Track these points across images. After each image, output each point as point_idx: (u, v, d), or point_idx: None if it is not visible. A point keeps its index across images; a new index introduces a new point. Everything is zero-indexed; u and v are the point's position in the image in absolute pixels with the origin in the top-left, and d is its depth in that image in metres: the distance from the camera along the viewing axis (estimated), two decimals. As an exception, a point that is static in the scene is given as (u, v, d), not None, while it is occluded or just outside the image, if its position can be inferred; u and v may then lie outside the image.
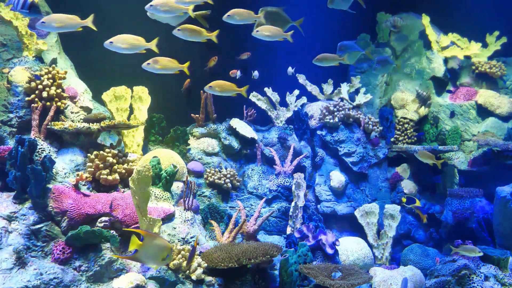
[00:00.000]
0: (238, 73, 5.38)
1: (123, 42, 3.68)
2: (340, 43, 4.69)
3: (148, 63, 3.80)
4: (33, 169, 3.25)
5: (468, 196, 5.46)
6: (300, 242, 4.20)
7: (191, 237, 3.87)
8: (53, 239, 3.31)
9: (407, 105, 6.60)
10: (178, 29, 3.85)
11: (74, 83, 4.62)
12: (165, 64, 3.83)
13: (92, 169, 3.87)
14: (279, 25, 4.26)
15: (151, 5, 3.72)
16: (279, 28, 4.21)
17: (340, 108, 5.98)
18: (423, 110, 6.39)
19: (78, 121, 4.32)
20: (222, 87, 4.22)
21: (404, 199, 5.02)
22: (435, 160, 5.01)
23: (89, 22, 3.73)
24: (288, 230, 5.00)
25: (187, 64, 3.96)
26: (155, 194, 4.01)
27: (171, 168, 4.13)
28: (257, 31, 4.12)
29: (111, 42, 3.65)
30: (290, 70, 5.87)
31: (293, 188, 5.09)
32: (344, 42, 4.65)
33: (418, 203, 4.97)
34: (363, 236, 5.16)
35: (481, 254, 3.83)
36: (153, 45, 3.80)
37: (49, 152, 3.86)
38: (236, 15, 3.96)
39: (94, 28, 3.70)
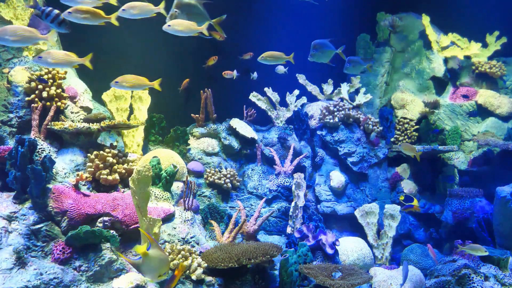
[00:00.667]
0: (235, 73, 5.35)
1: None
2: (314, 41, 4.54)
3: (116, 82, 3.71)
4: (33, 169, 3.24)
5: (468, 196, 5.46)
6: (300, 242, 4.20)
7: (191, 237, 3.87)
8: (53, 239, 3.31)
9: (407, 105, 6.60)
10: (169, 25, 3.76)
11: (74, 83, 4.62)
12: (134, 83, 3.76)
13: (92, 169, 3.87)
14: (196, 19, 3.92)
15: (169, 25, 3.76)
16: (193, 23, 3.84)
17: (340, 108, 5.98)
18: (434, 112, 6.37)
19: (78, 121, 4.32)
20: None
21: (402, 197, 5.02)
22: (415, 152, 5.03)
23: (86, 61, 3.66)
24: (288, 230, 5.00)
25: (157, 81, 3.83)
26: (155, 194, 4.01)
27: (171, 168, 4.13)
28: (169, 25, 3.76)
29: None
30: (281, 68, 5.79)
31: (293, 188, 5.09)
32: (317, 41, 4.51)
33: (416, 202, 4.96)
34: (363, 236, 5.16)
35: (487, 253, 3.83)
36: None
37: (49, 152, 3.86)
38: (131, 9, 3.67)
39: (91, 67, 3.68)
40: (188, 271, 3.47)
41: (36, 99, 4.08)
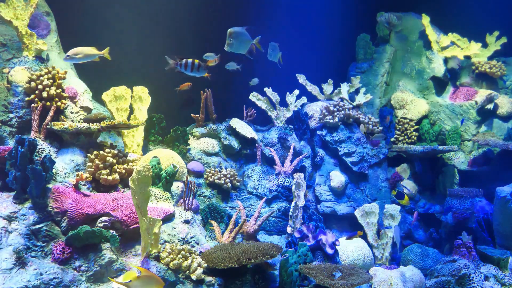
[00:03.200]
0: (234, 64, 5.31)
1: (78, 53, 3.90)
2: (230, 29, 4.12)
3: (67, 55, 3.87)
4: (33, 169, 3.24)
5: (468, 196, 5.46)
6: (300, 242, 4.20)
7: (191, 237, 3.87)
8: (53, 239, 3.31)
9: (407, 105, 6.60)
10: (67, 55, 3.90)
11: (74, 83, 4.62)
12: (85, 53, 3.90)
13: (92, 169, 3.87)
14: (244, 44, 4.09)
15: (67, 55, 3.91)
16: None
17: (340, 108, 5.98)
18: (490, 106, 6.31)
19: (78, 121, 4.32)
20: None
21: (394, 192, 5.02)
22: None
23: (106, 53, 4.06)
24: (288, 230, 5.00)
25: (106, 50, 4.02)
26: (155, 194, 4.00)
27: (171, 168, 4.13)
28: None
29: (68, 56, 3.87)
30: (233, 64, 5.75)
31: (293, 188, 5.09)
32: (234, 29, 4.08)
33: (406, 199, 4.97)
34: (363, 236, 5.16)
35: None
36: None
37: (49, 152, 3.86)
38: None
39: (109, 58, 4.05)
40: (188, 271, 3.47)
41: (36, 99, 4.08)
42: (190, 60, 3.93)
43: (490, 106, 6.16)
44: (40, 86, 4.11)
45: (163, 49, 5.56)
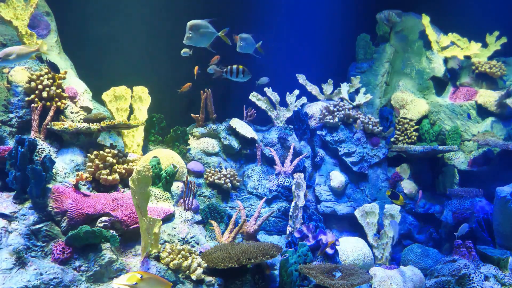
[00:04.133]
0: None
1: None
2: (190, 22, 3.95)
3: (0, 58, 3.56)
4: (33, 169, 3.24)
5: (468, 196, 5.46)
6: (300, 242, 4.20)
7: (191, 237, 3.87)
8: (53, 239, 3.31)
9: (407, 105, 6.60)
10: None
11: (74, 83, 4.62)
12: (17, 53, 3.60)
13: (92, 169, 3.87)
14: (207, 37, 3.97)
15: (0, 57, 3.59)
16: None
17: (340, 108, 5.98)
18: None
19: (78, 121, 4.32)
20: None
21: (388, 192, 5.01)
22: None
23: (41, 48, 3.77)
24: (288, 230, 5.00)
25: (41, 43, 3.85)
26: (155, 194, 4.00)
27: (171, 168, 4.13)
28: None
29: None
30: (263, 79, 5.80)
31: (293, 188, 5.09)
32: (194, 21, 3.93)
33: (401, 198, 4.96)
34: (363, 236, 5.16)
35: None
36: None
37: (49, 152, 3.86)
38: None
39: (47, 53, 3.83)
40: (188, 271, 3.47)
41: (36, 99, 4.08)
42: (234, 66, 4.06)
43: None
44: (40, 86, 4.11)
45: (163, 49, 5.57)
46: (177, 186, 4.37)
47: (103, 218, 3.52)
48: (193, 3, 5.86)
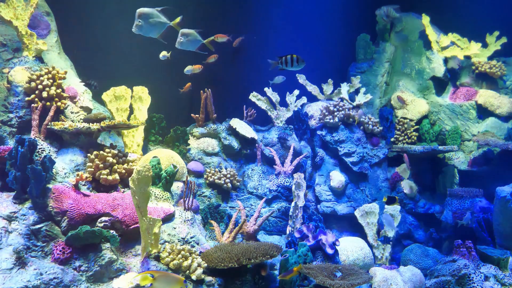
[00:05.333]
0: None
1: None
2: (139, 9, 3.74)
3: None
4: (33, 169, 3.24)
5: (468, 196, 5.46)
6: (300, 242, 4.20)
7: (191, 237, 3.87)
8: (53, 239, 3.31)
9: (407, 105, 6.60)
10: None
11: (74, 83, 4.62)
12: None
13: (92, 169, 3.87)
14: (158, 27, 3.74)
15: None
16: None
17: (340, 108, 5.98)
18: None
19: (78, 121, 4.32)
20: None
21: (385, 199, 5.03)
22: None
23: None
24: (288, 230, 5.00)
25: None
26: (155, 194, 4.00)
27: (171, 168, 4.13)
28: None
29: None
30: (278, 78, 5.83)
31: (293, 188, 5.09)
32: (144, 9, 3.70)
33: (396, 199, 4.98)
34: (363, 236, 5.16)
35: None
36: None
37: (49, 152, 3.86)
38: None
39: None
40: (188, 271, 3.47)
41: (36, 99, 4.08)
42: (289, 56, 4.04)
43: (509, 101, 6.15)
44: (40, 86, 4.11)
45: (163, 48, 5.56)
46: (177, 186, 4.37)
47: (103, 218, 3.52)
48: (194, 3, 5.86)
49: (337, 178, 5.71)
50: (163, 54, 4.85)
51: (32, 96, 4.09)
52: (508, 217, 4.43)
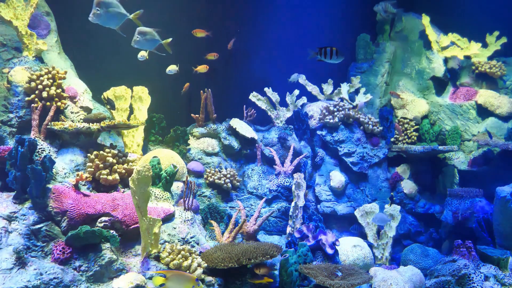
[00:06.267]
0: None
1: None
2: None
3: None
4: (33, 169, 3.24)
5: (468, 196, 5.46)
6: (300, 242, 4.20)
7: (191, 237, 3.87)
8: (53, 239, 3.31)
9: (407, 105, 6.60)
10: None
11: (74, 83, 4.62)
12: None
13: (92, 169, 3.87)
14: (117, 17, 3.52)
15: None
16: None
17: (340, 108, 5.98)
18: None
19: (78, 121, 4.32)
20: None
21: (390, 204, 5.08)
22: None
23: None
24: (288, 230, 5.00)
25: None
26: (155, 194, 4.00)
27: (171, 168, 4.13)
28: None
29: None
30: (294, 77, 5.84)
31: (293, 188, 5.09)
32: None
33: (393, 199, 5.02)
34: (363, 236, 5.16)
35: None
36: None
37: (49, 152, 3.86)
38: None
39: None
40: (188, 271, 3.47)
41: (36, 99, 4.08)
42: (328, 48, 4.03)
43: (509, 101, 6.15)
44: (40, 86, 4.11)
45: (163, 48, 5.56)
46: (177, 186, 4.37)
47: (103, 218, 3.52)
48: (193, 3, 5.87)
49: (337, 178, 5.71)
50: (142, 54, 4.82)
51: (32, 96, 4.09)
52: (508, 217, 4.43)
